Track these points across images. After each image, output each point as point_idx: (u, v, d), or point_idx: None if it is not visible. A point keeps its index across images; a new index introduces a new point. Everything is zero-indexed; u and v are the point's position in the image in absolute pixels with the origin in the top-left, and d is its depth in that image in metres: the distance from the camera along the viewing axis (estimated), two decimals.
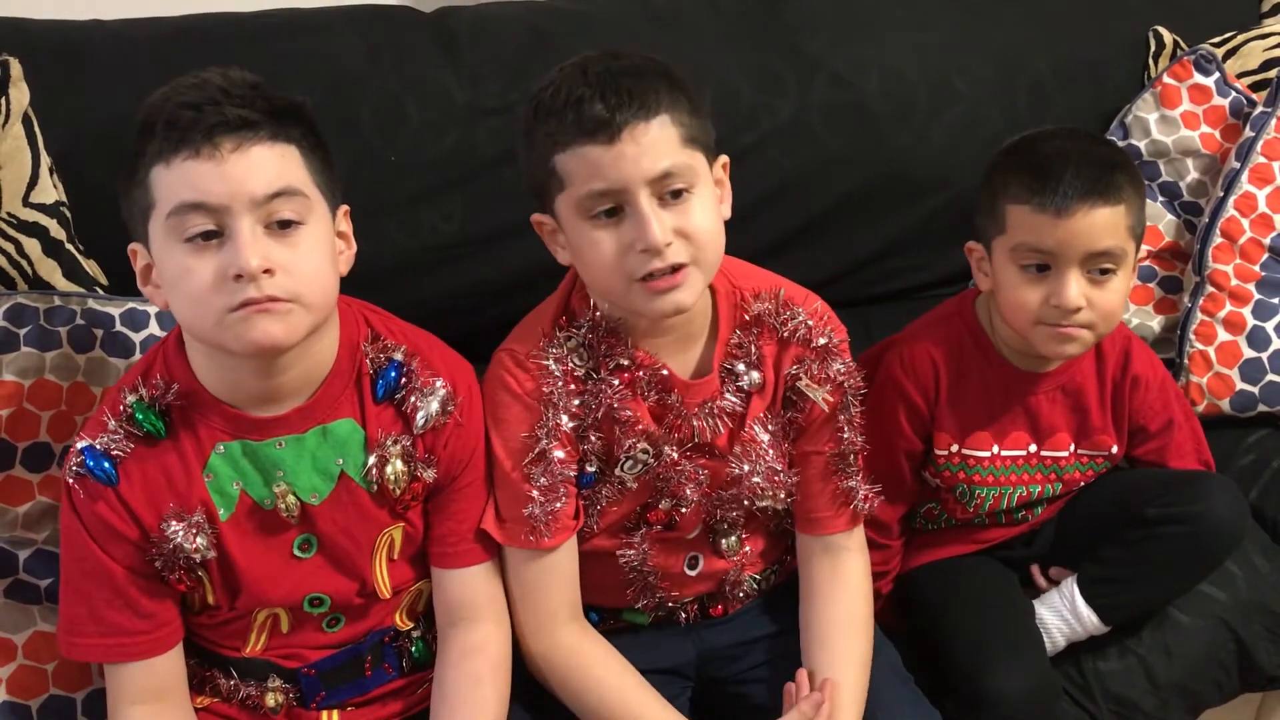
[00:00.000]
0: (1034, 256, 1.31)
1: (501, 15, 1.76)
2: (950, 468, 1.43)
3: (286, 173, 1.05)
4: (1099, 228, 1.28)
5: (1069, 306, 1.30)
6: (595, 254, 1.13)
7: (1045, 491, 1.47)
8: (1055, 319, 1.32)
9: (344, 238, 1.14)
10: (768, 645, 1.33)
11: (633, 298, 1.14)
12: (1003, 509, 1.47)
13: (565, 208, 1.14)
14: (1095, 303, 1.31)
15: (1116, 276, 1.31)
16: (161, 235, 1.04)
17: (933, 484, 1.46)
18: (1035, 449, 1.45)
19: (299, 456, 1.14)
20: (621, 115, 1.08)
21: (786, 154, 1.76)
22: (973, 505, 1.45)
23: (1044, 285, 1.31)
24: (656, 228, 1.09)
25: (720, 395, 1.23)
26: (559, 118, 1.10)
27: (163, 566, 1.12)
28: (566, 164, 1.11)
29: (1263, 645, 1.54)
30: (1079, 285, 1.30)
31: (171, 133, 1.02)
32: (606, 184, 1.10)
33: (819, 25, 1.82)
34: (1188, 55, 1.89)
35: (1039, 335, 1.34)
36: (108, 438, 1.11)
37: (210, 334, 1.05)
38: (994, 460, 1.44)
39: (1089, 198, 1.27)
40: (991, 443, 1.43)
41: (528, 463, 1.18)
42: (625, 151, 1.08)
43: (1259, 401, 1.78)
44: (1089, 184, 1.27)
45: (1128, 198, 1.30)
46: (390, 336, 1.19)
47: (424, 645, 1.26)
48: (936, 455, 1.43)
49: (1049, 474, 1.46)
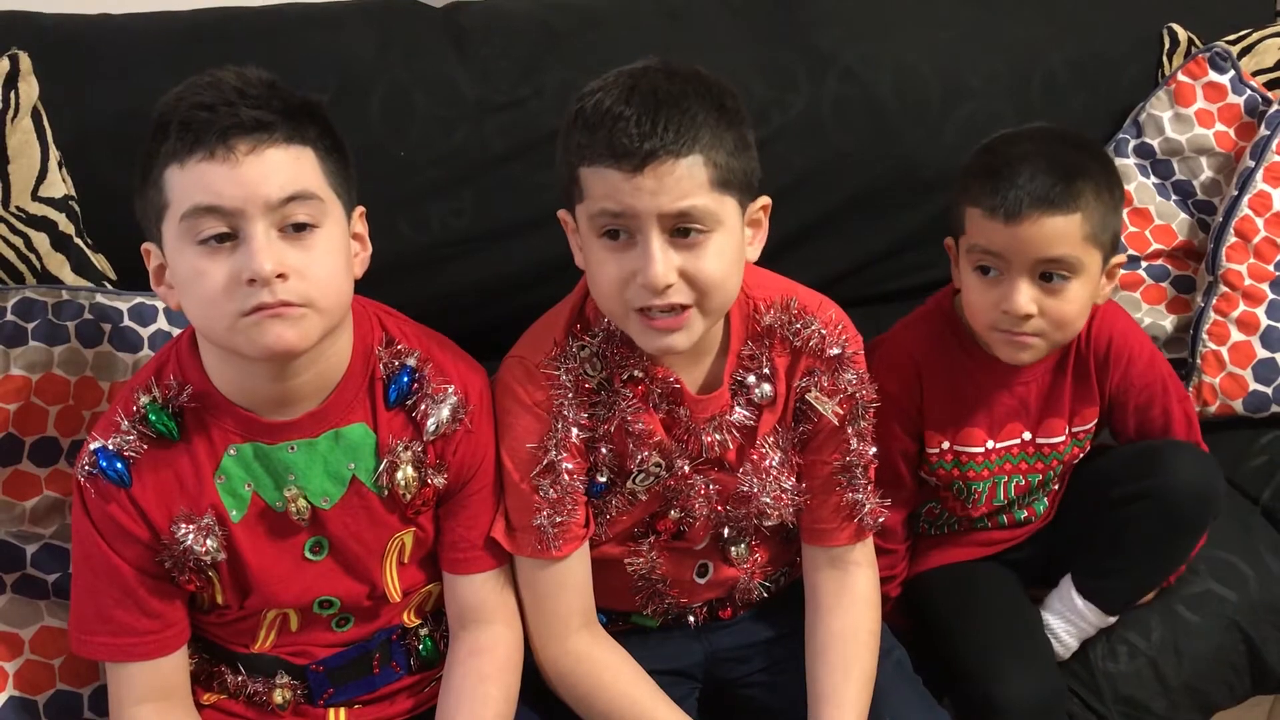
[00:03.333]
0: (986, 259, 1.31)
1: (512, 10, 1.75)
2: (944, 465, 1.43)
3: (301, 176, 1.04)
4: (1050, 236, 1.27)
5: (1016, 313, 1.29)
6: (600, 273, 1.12)
7: (1045, 478, 1.46)
8: (1007, 325, 1.31)
9: (359, 239, 1.14)
10: (776, 648, 1.32)
11: (629, 325, 1.13)
12: (1001, 501, 1.46)
13: (582, 219, 1.13)
14: (1047, 310, 1.30)
15: (1072, 284, 1.29)
16: (175, 237, 1.03)
17: (930, 483, 1.46)
18: (1030, 436, 1.44)
19: (311, 461, 1.14)
20: (650, 145, 1.04)
21: (798, 150, 1.75)
22: (970, 500, 1.45)
23: (996, 289, 1.31)
24: (660, 267, 1.07)
25: (730, 409, 1.22)
26: (591, 131, 1.07)
27: (172, 567, 1.12)
28: (588, 178, 1.09)
29: (1273, 646, 1.53)
30: (1028, 292, 1.29)
31: (186, 134, 1.01)
32: (619, 208, 1.07)
33: (831, 21, 1.82)
34: (1202, 53, 1.88)
35: (994, 339, 1.35)
36: (120, 438, 1.10)
37: (223, 337, 1.04)
38: (988, 455, 1.43)
39: (1039, 205, 1.26)
40: (985, 438, 1.42)
41: (536, 474, 1.18)
42: (644, 184, 1.05)
43: (1272, 402, 1.77)
44: (1041, 191, 1.26)
45: (1086, 206, 1.27)
46: (404, 340, 1.19)
47: (432, 643, 1.25)
48: (929, 454, 1.43)
49: (1049, 461, 1.45)
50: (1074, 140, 1.34)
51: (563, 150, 1.13)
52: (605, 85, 1.10)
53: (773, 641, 1.33)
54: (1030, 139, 1.33)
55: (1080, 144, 1.34)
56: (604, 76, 1.12)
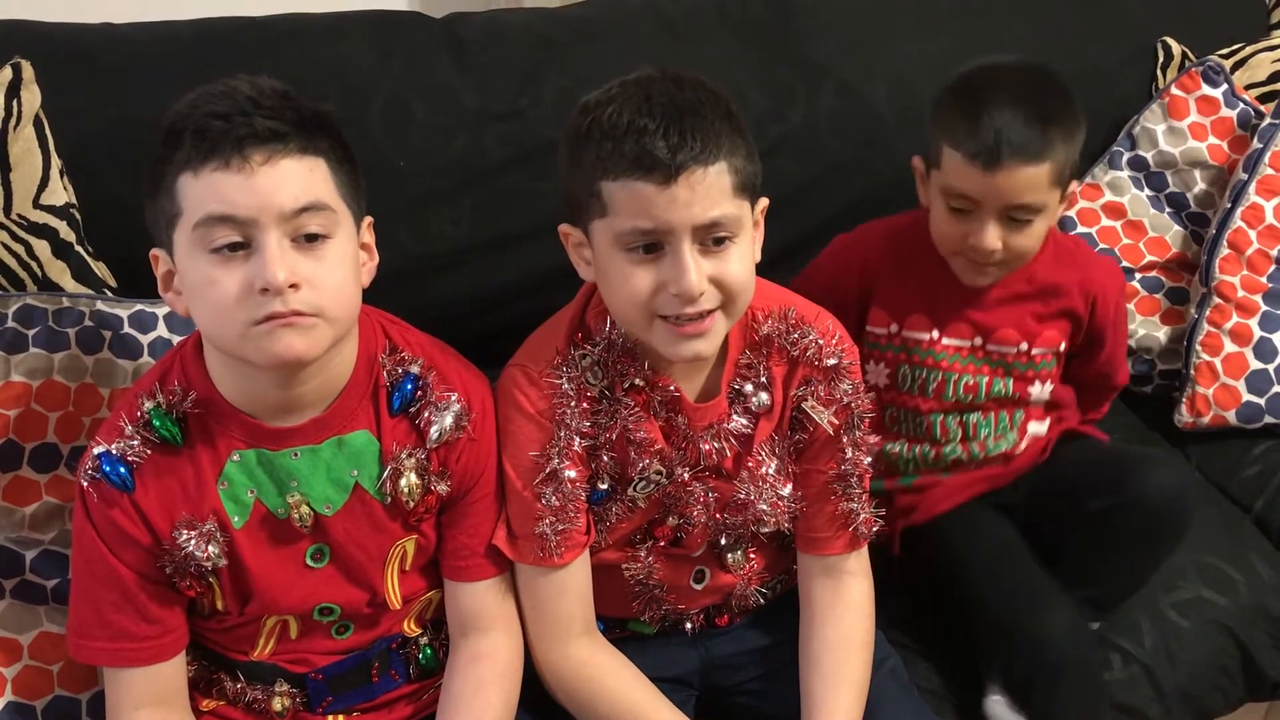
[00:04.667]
0: (959, 201, 1.38)
1: (511, 21, 1.76)
2: (892, 349, 1.50)
3: (314, 186, 1.05)
4: (1022, 185, 1.34)
5: (985, 249, 1.38)
6: (625, 286, 1.10)
7: (995, 385, 1.50)
8: (972, 255, 1.40)
9: (367, 249, 1.14)
10: (772, 654, 1.33)
11: (654, 334, 1.13)
12: (949, 397, 1.49)
13: (602, 233, 1.11)
14: (1010, 244, 1.38)
15: (1035, 222, 1.38)
16: (187, 245, 1.04)
17: (882, 378, 1.50)
18: (980, 342, 1.49)
19: (314, 467, 1.14)
20: (682, 157, 1.04)
21: (795, 161, 1.76)
22: (916, 388, 1.49)
23: (965, 225, 1.39)
24: (694, 277, 1.07)
25: (728, 417, 1.22)
26: (616, 144, 1.06)
27: (173, 573, 1.12)
28: (614, 193, 1.07)
29: (1266, 652, 1.54)
30: (996, 230, 1.37)
31: (201, 142, 1.01)
32: (652, 224, 1.07)
33: (827, 33, 1.83)
34: (1196, 66, 1.89)
35: (957, 264, 1.44)
36: (124, 443, 1.11)
37: (233, 345, 1.05)
38: (933, 344, 1.49)
39: (1017, 156, 1.32)
40: (931, 327, 1.48)
41: (538, 482, 1.18)
42: (678, 195, 1.05)
43: (1265, 413, 1.77)
44: (1019, 142, 1.32)
45: (1055, 153, 1.34)
46: (407, 348, 1.19)
47: (431, 652, 1.25)
48: (875, 333, 1.49)
49: (996, 367, 1.50)
50: (1046, 83, 1.40)
51: (574, 164, 1.11)
52: (614, 97, 1.09)
53: (768, 649, 1.33)
54: (1009, 84, 1.37)
55: (1051, 86, 1.39)
56: (606, 89, 1.11)
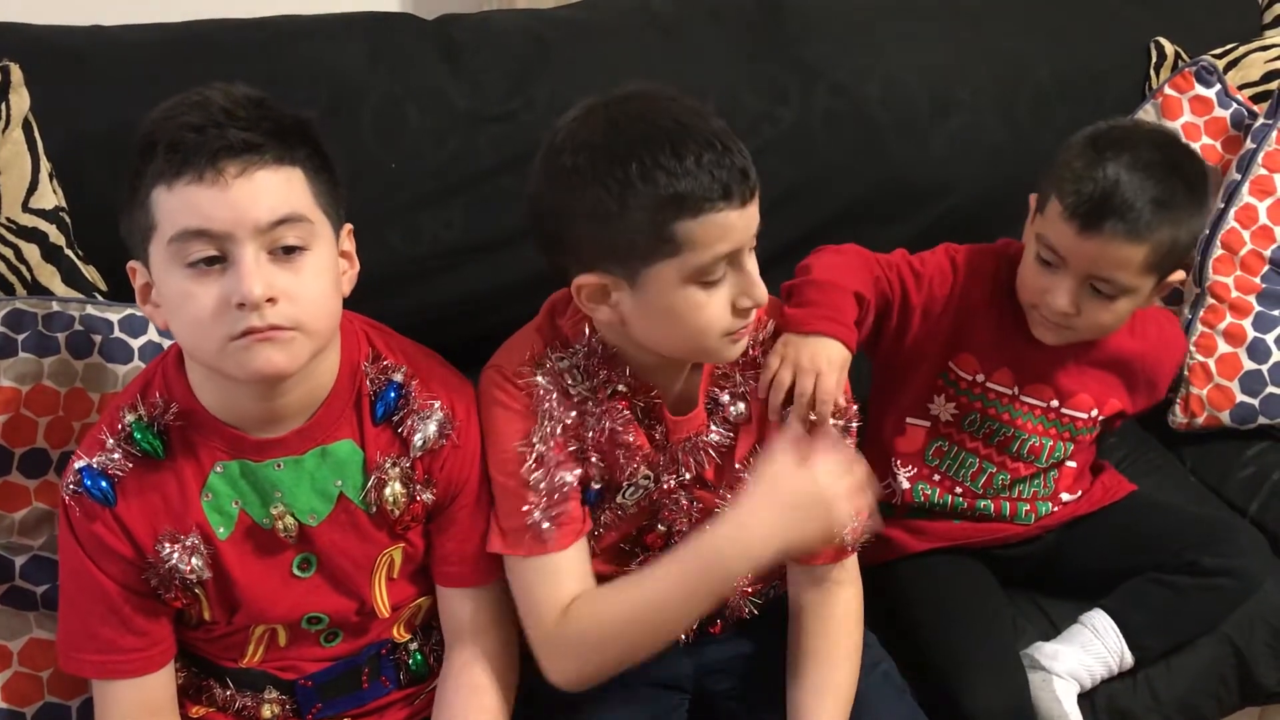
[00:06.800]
0: (1048, 253, 1.34)
1: (503, 23, 1.76)
2: (970, 395, 1.46)
3: (291, 198, 1.03)
4: (1113, 259, 1.30)
5: (1055, 309, 1.35)
6: (701, 316, 1.10)
7: (1056, 449, 1.48)
8: (1044, 310, 1.37)
9: (347, 257, 1.13)
10: (764, 659, 1.32)
11: (718, 350, 1.14)
12: (1011, 451, 1.47)
13: (669, 273, 1.08)
14: (1086, 312, 1.35)
15: (1119, 300, 1.34)
16: (163, 259, 1.02)
17: (946, 414, 1.47)
18: (1057, 404, 1.47)
19: (297, 478, 1.13)
20: (752, 178, 1.08)
21: (788, 163, 1.76)
22: (980, 436, 1.47)
23: (1047, 278, 1.35)
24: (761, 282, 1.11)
25: (707, 429, 1.22)
26: (693, 180, 1.04)
27: (158, 585, 1.12)
28: (694, 230, 1.06)
29: (1263, 659, 1.54)
30: (1071, 294, 1.34)
31: (174, 155, 1.00)
32: (732, 246, 1.08)
33: (820, 34, 1.82)
34: (1189, 66, 1.89)
35: (1032, 315, 1.40)
36: (105, 456, 1.10)
37: (211, 360, 1.04)
38: (1013, 401, 1.46)
39: (1116, 229, 1.28)
40: (1014, 383, 1.45)
41: (526, 469, 1.16)
42: (753, 212, 1.09)
43: (1259, 414, 1.77)
44: (1121, 213, 1.28)
45: (1157, 240, 1.29)
46: (390, 355, 1.18)
47: (422, 658, 1.25)
48: (960, 377, 1.45)
49: (1064, 431, 1.48)
50: (1178, 161, 1.34)
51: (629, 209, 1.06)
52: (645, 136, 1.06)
53: (758, 655, 1.33)
54: (1139, 151, 1.31)
55: (1184, 167, 1.33)
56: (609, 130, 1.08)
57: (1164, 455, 1.80)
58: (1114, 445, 1.73)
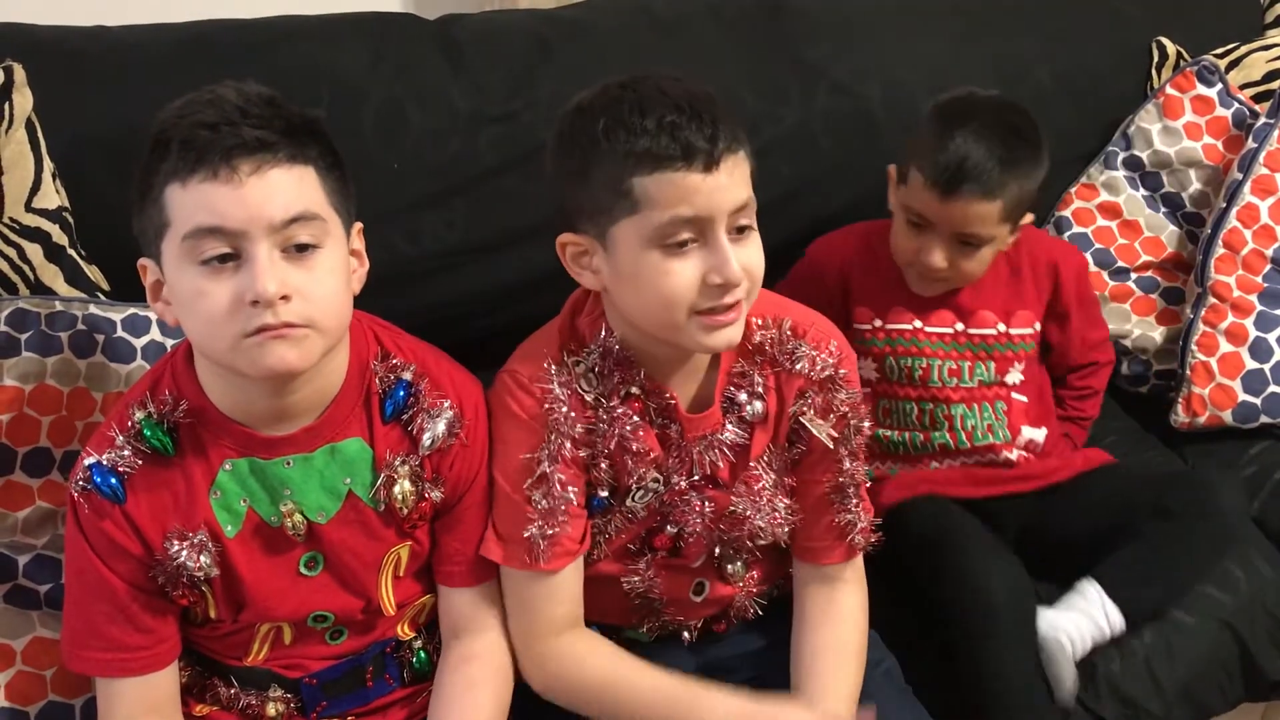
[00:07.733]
0: (915, 217, 1.49)
1: (505, 23, 1.76)
2: (877, 343, 1.58)
3: (304, 196, 1.03)
4: (973, 216, 1.45)
5: (931, 267, 1.49)
6: (665, 283, 1.08)
7: (977, 370, 1.57)
8: (920, 268, 1.51)
9: (357, 255, 1.13)
10: (768, 658, 1.32)
11: (689, 330, 1.11)
12: (935, 381, 1.56)
13: (631, 233, 1.09)
14: (956, 265, 1.50)
15: (983, 249, 1.49)
16: (176, 256, 1.02)
17: (871, 373, 1.57)
18: (962, 327, 1.57)
19: (306, 476, 1.13)
20: (720, 144, 1.06)
21: (789, 162, 1.76)
22: (903, 378, 1.57)
23: (918, 240, 1.50)
24: (735, 263, 1.08)
25: (722, 428, 1.22)
26: (652, 138, 1.05)
27: (165, 583, 1.12)
28: (649, 187, 1.06)
29: (1265, 650, 1.54)
30: (943, 252, 1.48)
31: (188, 153, 1.00)
32: (694, 212, 1.06)
33: (822, 34, 1.83)
34: (1190, 66, 1.89)
35: (909, 274, 1.55)
36: (115, 454, 1.10)
37: (224, 357, 1.04)
38: (916, 334, 1.57)
39: (972, 191, 1.43)
40: (913, 318, 1.57)
41: (529, 485, 1.17)
42: (720, 182, 1.06)
43: (1261, 413, 1.77)
44: (975, 176, 1.42)
45: (1008, 194, 1.44)
46: (399, 354, 1.18)
47: (426, 656, 1.25)
48: (861, 330, 1.57)
49: (978, 352, 1.58)
50: (1016, 124, 1.47)
51: (590, 168, 1.08)
52: (619, 97, 1.08)
53: (763, 652, 1.33)
54: (981, 119, 1.46)
55: (1021, 129, 1.47)
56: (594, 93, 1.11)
57: (1165, 454, 1.80)
58: (1114, 444, 1.73)
